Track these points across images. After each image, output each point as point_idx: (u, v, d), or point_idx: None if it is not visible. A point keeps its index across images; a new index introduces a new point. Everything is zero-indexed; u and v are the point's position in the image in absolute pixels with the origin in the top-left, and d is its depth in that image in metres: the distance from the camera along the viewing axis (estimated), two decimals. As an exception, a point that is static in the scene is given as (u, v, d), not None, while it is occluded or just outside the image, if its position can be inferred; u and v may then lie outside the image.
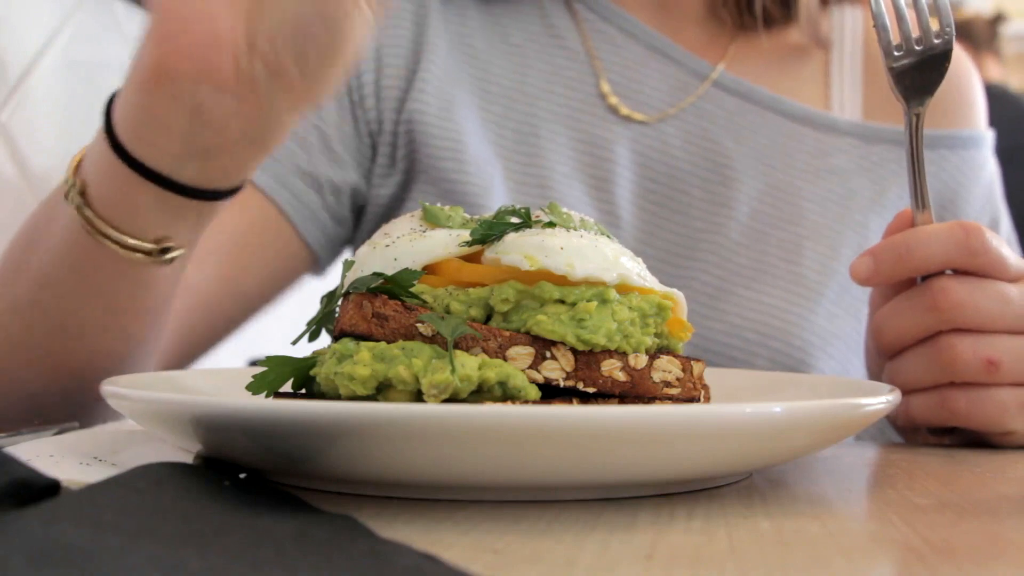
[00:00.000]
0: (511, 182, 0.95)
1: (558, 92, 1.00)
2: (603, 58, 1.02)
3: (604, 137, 0.99)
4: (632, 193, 0.97)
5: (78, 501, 0.37)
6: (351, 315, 0.54)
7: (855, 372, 0.92)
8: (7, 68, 0.97)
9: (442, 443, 0.44)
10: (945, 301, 0.68)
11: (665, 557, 0.40)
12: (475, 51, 1.01)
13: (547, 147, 0.97)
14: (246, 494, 0.44)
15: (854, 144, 1.01)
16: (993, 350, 0.68)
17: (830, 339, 0.91)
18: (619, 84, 1.01)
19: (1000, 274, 0.69)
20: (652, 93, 1.01)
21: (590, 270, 0.54)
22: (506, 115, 0.99)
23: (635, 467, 0.47)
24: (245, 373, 0.59)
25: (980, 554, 0.42)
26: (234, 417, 0.46)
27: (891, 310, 0.72)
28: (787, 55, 1.05)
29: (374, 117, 0.99)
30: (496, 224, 0.57)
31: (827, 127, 1.01)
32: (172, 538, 0.35)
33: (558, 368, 0.52)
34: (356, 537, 0.37)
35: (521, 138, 0.98)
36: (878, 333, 0.72)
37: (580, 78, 1.01)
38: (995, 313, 0.68)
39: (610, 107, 1.00)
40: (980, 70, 3.88)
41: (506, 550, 0.40)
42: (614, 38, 1.03)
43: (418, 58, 0.99)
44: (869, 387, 0.61)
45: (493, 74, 1.01)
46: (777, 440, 0.49)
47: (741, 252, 0.95)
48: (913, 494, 0.53)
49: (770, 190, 0.98)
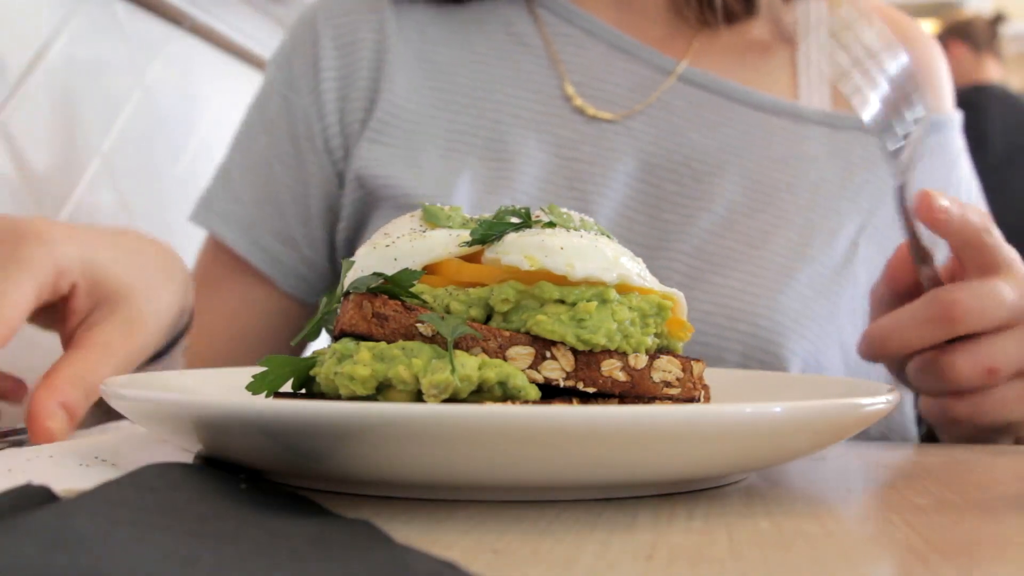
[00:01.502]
0: (481, 188, 0.96)
1: (524, 97, 1.01)
2: (566, 60, 1.03)
3: (572, 138, 0.99)
4: (603, 191, 0.97)
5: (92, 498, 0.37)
6: (351, 315, 0.54)
7: (829, 353, 0.93)
8: (7, 68, 0.97)
9: (442, 443, 0.44)
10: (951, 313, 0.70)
11: (665, 557, 0.40)
12: (439, 64, 1.02)
13: (516, 151, 0.98)
14: (262, 496, 0.44)
15: (823, 132, 1.02)
16: (991, 358, 0.70)
17: (803, 320, 0.92)
18: (584, 85, 1.02)
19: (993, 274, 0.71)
20: (617, 91, 1.02)
21: (590, 270, 0.54)
22: (474, 123, 1.00)
23: (635, 467, 0.47)
24: (245, 373, 0.59)
25: (980, 554, 0.42)
26: (234, 417, 0.46)
27: (896, 323, 0.73)
28: (752, 48, 1.06)
29: (341, 156, 1.01)
30: (496, 224, 0.57)
31: (795, 116, 1.02)
32: (186, 535, 0.35)
33: (558, 368, 0.52)
34: (373, 542, 0.37)
35: (490, 144, 0.99)
36: (883, 342, 0.74)
37: (545, 82, 1.02)
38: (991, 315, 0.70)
39: (576, 108, 1.01)
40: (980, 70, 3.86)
41: (506, 550, 0.40)
42: (577, 39, 1.04)
43: (378, 86, 1.01)
44: (869, 387, 0.61)
45: (458, 84, 1.01)
46: (777, 440, 0.49)
47: (713, 242, 0.96)
48: (913, 494, 0.53)
49: (741, 180, 0.98)
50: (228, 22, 1.42)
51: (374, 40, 1.02)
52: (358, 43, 1.02)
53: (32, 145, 1.00)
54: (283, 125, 1.02)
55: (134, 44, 1.21)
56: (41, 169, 1.02)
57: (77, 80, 1.09)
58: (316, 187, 1.02)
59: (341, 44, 1.02)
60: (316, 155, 1.01)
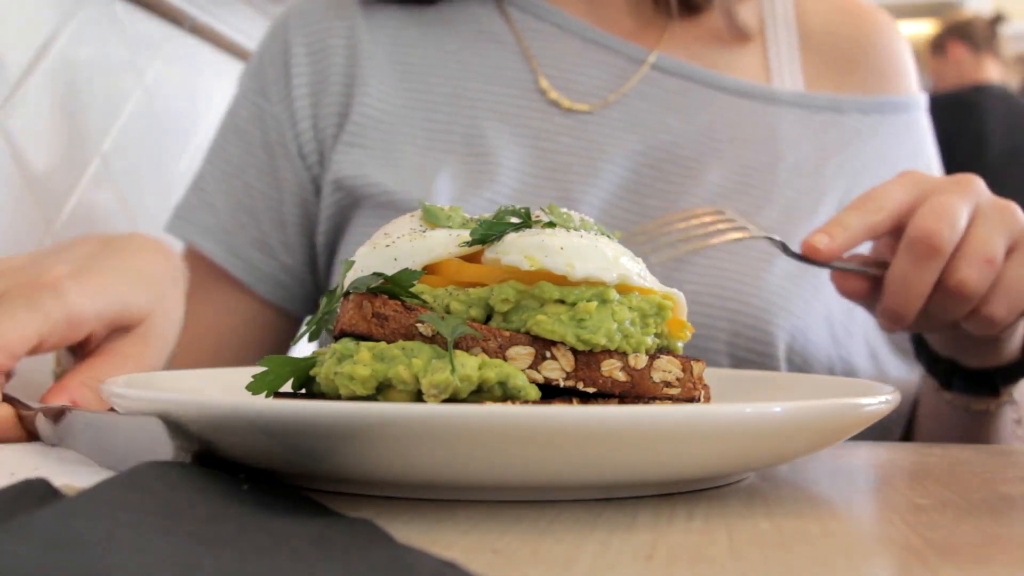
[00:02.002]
0: (461, 184, 0.97)
1: (499, 92, 1.02)
2: (539, 55, 1.04)
3: (549, 130, 1.00)
4: (586, 181, 0.98)
5: (92, 499, 0.37)
6: (351, 315, 0.54)
7: (817, 328, 0.94)
8: (7, 68, 0.97)
9: (442, 443, 0.44)
10: (931, 245, 0.73)
11: (665, 557, 0.40)
12: (412, 65, 1.03)
13: (495, 146, 0.99)
14: (263, 496, 0.44)
15: (798, 113, 1.04)
16: (982, 251, 0.74)
17: (790, 297, 0.93)
18: (557, 78, 1.03)
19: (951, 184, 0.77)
20: (592, 83, 1.03)
21: (590, 270, 0.54)
22: (451, 120, 1.01)
23: (635, 467, 0.47)
24: (245, 373, 0.59)
25: (980, 554, 0.42)
26: (234, 417, 0.46)
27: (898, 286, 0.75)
28: (723, 36, 1.07)
29: (316, 162, 1.02)
30: (496, 224, 0.57)
31: (770, 99, 1.04)
32: (187, 538, 0.35)
33: (558, 368, 0.52)
34: (375, 542, 0.37)
35: (468, 140, 1.00)
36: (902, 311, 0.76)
37: (519, 76, 1.03)
38: (957, 222, 0.74)
39: (552, 101, 1.02)
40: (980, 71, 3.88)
41: (506, 550, 0.40)
42: (548, 34, 1.05)
43: (352, 91, 1.02)
44: (869, 387, 0.61)
45: (433, 83, 1.02)
46: (777, 440, 0.49)
47: None
48: (913, 494, 0.53)
49: (721, 164, 1.00)
50: (228, 22, 1.42)
51: (345, 46, 1.03)
52: (329, 50, 1.03)
53: (32, 145, 1.00)
54: (256, 133, 1.03)
55: (134, 44, 1.21)
56: (41, 169, 1.02)
57: (77, 80, 1.09)
58: (291, 194, 1.02)
59: (312, 51, 1.03)
60: (290, 162, 1.02)
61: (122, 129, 1.17)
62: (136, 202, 1.20)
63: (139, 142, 1.22)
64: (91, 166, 1.11)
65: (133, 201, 1.19)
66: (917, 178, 0.78)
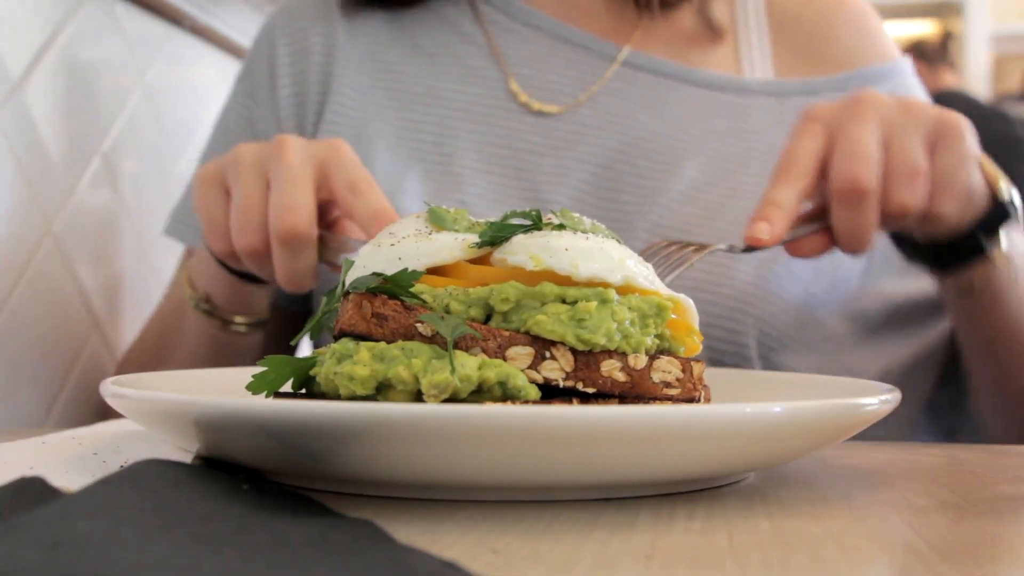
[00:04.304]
0: (429, 183, 0.98)
1: (470, 92, 1.03)
2: (510, 56, 1.04)
3: (519, 130, 1.01)
4: (556, 181, 0.99)
5: (93, 498, 0.37)
6: (351, 315, 0.54)
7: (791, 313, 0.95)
8: (7, 68, 0.97)
9: (442, 443, 0.44)
10: (857, 189, 0.77)
11: (665, 557, 0.40)
12: (388, 64, 1.04)
13: (462, 146, 1.00)
14: (263, 496, 0.44)
15: (768, 102, 1.04)
16: (906, 165, 0.77)
17: (765, 285, 0.94)
18: (527, 79, 1.03)
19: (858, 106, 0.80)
20: (562, 83, 1.03)
21: (594, 271, 0.54)
22: (422, 120, 1.02)
23: (635, 467, 0.47)
24: (245, 373, 0.59)
25: (980, 554, 0.42)
26: (234, 417, 0.46)
27: (848, 234, 0.79)
28: (692, 32, 1.08)
29: None
30: (505, 226, 0.57)
31: (740, 90, 1.04)
32: (188, 538, 0.35)
33: (558, 368, 0.52)
34: (376, 542, 0.37)
35: (437, 139, 1.01)
36: (859, 251, 0.81)
37: (489, 77, 1.03)
38: (870, 152, 0.77)
39: (522, 105, 1.02)
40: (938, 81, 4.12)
41: (506, 550, 0.40)
42: (520, 34, 1.05)
43: (328, 88, 1.03)
44: (869, 387, 0.61)
45: (407, 82, 1.03)
46: (777, 440, 0.49)
47: (670, 217, 0.97)
48: (913, 494, 0.53)
49: (693, 157, 1.00)
50: (228, 22, 1.42)
51: (324, 44, 1.04)
52: (309, 49, 1.04)
53: (32, 145, 1.00)
54: (245, 135, 1.04)
55: (134, 44, 1.21)
56: (41, 169, 1.02)
57: (77, 80, 1.09)
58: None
59: (294, 52, 1.05)
60: None
61: (122, 129, 1.17)
62: (136, 202, 1.20)
63: (139, 142, 1.22)
64: (91, 166, 1.11)
65: (133, 201, 1.19)
66: (816, 113, 0.82)
